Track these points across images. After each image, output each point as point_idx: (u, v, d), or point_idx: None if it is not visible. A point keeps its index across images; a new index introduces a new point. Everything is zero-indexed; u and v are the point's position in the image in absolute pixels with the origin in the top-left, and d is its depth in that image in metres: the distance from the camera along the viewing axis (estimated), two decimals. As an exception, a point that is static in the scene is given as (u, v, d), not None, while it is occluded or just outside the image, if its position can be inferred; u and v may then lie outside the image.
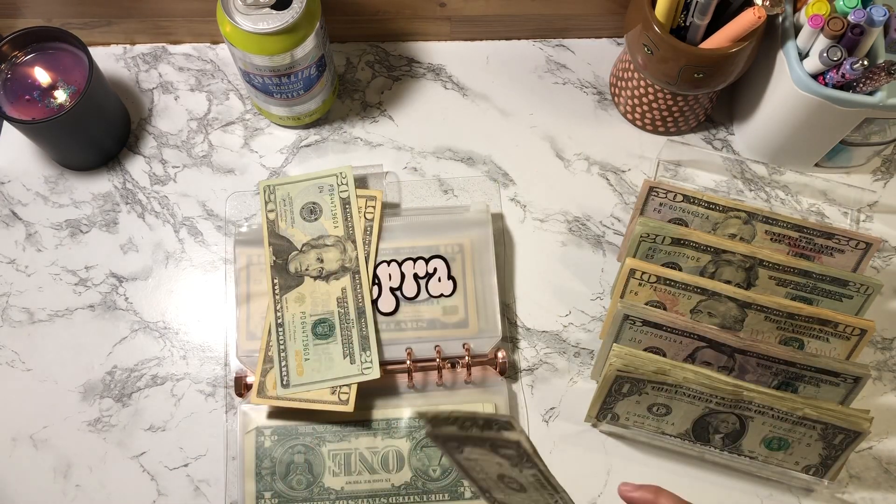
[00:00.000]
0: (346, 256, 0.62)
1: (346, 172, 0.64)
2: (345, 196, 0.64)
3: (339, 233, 0.63)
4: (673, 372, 0.55)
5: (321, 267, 0.62)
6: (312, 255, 0.62)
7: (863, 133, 0.65)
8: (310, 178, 0.64)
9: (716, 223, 0.62)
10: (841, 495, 0.62)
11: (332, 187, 0.64)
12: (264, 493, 0.60)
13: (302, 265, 0.62)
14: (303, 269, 0.62)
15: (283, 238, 0.63)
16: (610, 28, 0.75)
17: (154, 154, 0.72)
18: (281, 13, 0.60)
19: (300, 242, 0.63)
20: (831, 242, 0.61)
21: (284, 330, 0.61)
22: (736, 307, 0.58)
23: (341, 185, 0.64)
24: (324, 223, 0.63)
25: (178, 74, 0.74)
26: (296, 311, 0.61)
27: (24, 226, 0.69)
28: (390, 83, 0.74)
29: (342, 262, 0.62)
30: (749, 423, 0.57)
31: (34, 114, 0.65)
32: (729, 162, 0.71)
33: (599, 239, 0.69)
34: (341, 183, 0.64)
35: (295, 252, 0.62)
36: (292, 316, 0.61)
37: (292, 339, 0.61)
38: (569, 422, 0.64)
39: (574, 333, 0.66)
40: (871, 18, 0.57)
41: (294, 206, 0.63)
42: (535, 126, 0.73)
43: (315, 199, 0.63)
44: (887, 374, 0.65)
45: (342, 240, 0.62)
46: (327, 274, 0.62)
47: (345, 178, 0.64)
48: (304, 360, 0.60)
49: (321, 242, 0.62)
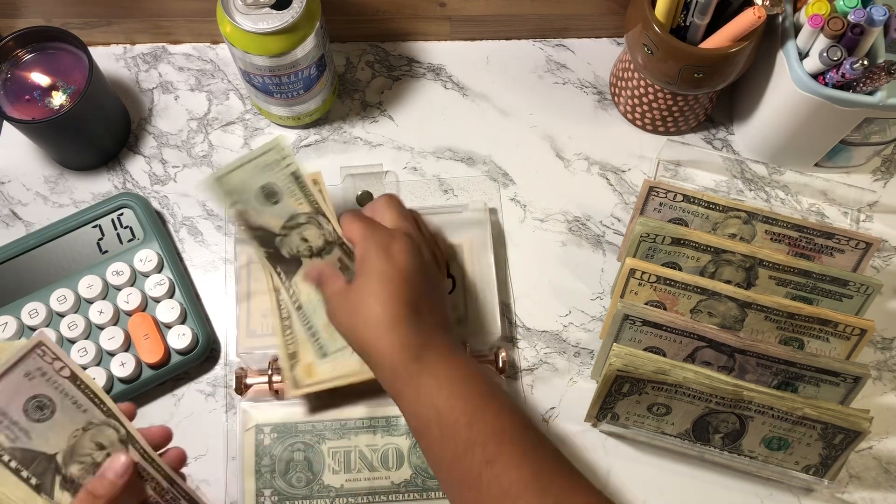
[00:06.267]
0: (324, 231, 0.58)
1: (280, 144, 0.58)
2: (293, 170, 0.58)
3: (306, 209, 0.58)
4: (673, 372, 0.55)
5: (309, 245, 0.58)
6: (295, 237, 0.58)
7: (863, 133, 0.65)
8: (249, 159, 0.58)
9: (716, 223, 0.62)
10: (841, 495, 0.62)
11: (276, 163, 0.58)
12: (264, 491, 0.60)
13: (292, 247, 0.58)
14: (295, 251, 0.59)
15: (260, 228, 0.58)
16: (610, 28, 0.75)
17: (154, 154, 0.72)
18: (281, 13, 0.60)
19: (277, 227, 0.58)
20: (831, 242, 0.61)
21: (304, 311, 0.59)
22: (736, 307, 0.58)
23: (284, 160, 0.58)
24: (288, 202, 0.58)
25: (178, 74, 0.74)
26: (309, 289, 0.58)
27: (25, 226, 0.69)
28: (390, 83, 0.74)
29: (324, 236, 0.58)
30: (749, 423, 0.57)
31: (34, 114, 0.65)
32: (729, 162, 0.71)
33: (599, 239, 0.69)
34: (283, 157, 0.58)
35: (279, 237, 0.58)
36: (307, 296, 0.59)
37: (315, 315, 0.59)
38: (569, 422, 0.64)
39: (574, 333, 0.66)
40: (871, 18, 0.57)
41: (251, 193, 0.58)
42: (535, 126, 0.73)
43: (266, 181, 0.57)
44: (887, 374, 0.65)
45: (313, 215, 0.58)
46: (318, 250, 0.58)
47: (283, 152, 0.58)
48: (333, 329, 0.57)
49: (296, 222, 0.58)
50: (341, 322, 0.53)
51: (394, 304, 0.50)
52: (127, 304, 0.64)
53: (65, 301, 0.63)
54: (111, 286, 0.65)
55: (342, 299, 0.53)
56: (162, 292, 0.64)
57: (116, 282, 0.64)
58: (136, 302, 0.64)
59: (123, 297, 0.64)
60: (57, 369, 0.43)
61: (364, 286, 0.52)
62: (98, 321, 0.63)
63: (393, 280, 0.51)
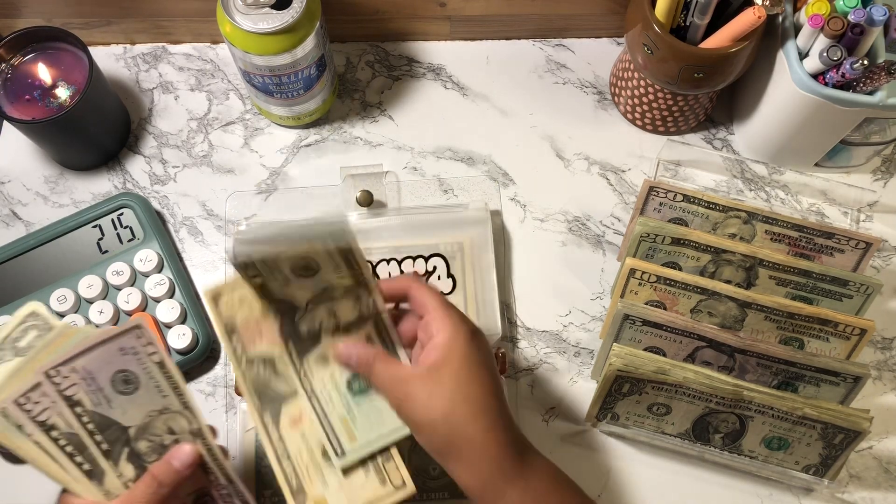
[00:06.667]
0: (361, 304, 0.51)
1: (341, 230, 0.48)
2: (345, 248, 0.49)
3: (347, 282, 0.50)
4: (673, 372, 0.55)
5: (336, 321, 0.51)
6: (323, 311, 0.50)
7: (863, 133, 0.65)
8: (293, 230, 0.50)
9: (716, 223, 0.62)
10: (841, 495, 0.62)
11: (322, 239, 0.49)
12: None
13: (314, 322, 0.51)
14: (315, 327, 0.51)
15: (282, 301, 0.50)
16: (610, 28, 0.75)
17: (154, 154, 0.72)
18: (281, 13, 0.60)
19: (303, 300, 0.50)
20: (831, 242, 0.61)
21: (318, 399, 0.51)
22: (736, 307, 0.58)
23: (339, 242, 0.49)
24: (325, 276, 0.50)
25: (178, 74, 0.74)
26: (323, 374, 0.51)
27: (25, 226, 0.69)
28: (390, 83, 0.74)
29: (359, 310, 0.51)
30: (749, 423, 0.57)
31: (34, 114, 0.65)
32: (729, 162, 0.71)
33: (599, 239, 0.69)
34: (338, 239, 0.49)
35: (301, 312, 0.51)
36: (321, 380, 0.51)
37: (330, 404, 0.51)
38: (569, 422, 0.64)
39: (574, 333, 0.66)
40: (871, 18, 0.57)
41: (282, 268, 0.49)
42: (535, 126, 0.73)
43: (306, 254, 0.49)
44: (887, 374, 0.65)
45: (353, 288, 0.50)
46: (346, 326, 0.51)
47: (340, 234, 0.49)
48: (352, 423, 0.51)
49: (329, 296, 0.50)
50: (429, 407, 0.45)
51: (496, 394, 0.46)
52: (127, 304, 0.64)
53: (65, 301, 0.63)
54: (111, 286, 0.65)
55: (424, 383, 0.46)
56: (162, 292, 0.64)
57: (116, 282, 0.64)
58: (136, 302, 0.64)
59: (123, 297, 0.64)
60: (148, 353, 0.46)
61: (461, 369, 0.46)
62: (98, 321, 0.63)
63: (488, 367, 0.47)
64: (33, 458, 0.45)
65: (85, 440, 0.46)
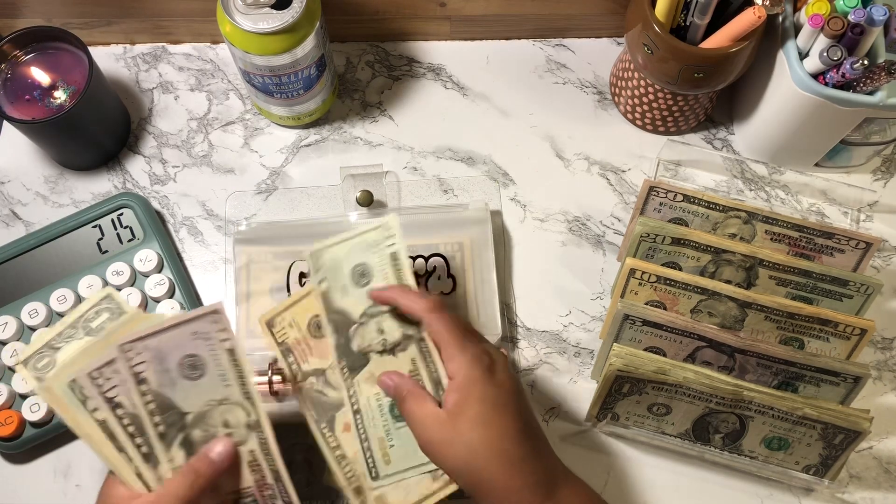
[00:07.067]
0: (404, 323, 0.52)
1: (391, 224, 0.53)
2: (394, 250, 0.53)
3: None
4: (673, 372, 0.55)
5: (384, 339, 0.52)
6: (372, 326, 0.52)
7: (863, 133, 0.65)
8: (352, 235, 0.53)
9: (716, 223, 0.62)
10: (841, 495, 0.62)
11: (378, 242, 0.53)
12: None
13: (364, 340, 0.52)
14: (366, 345, 0.52)
15: (340, 312, 0.52)
16: (610, 28, 0.75)
17: (154, 154, 0.72)
18: (281, 13, 0.60)
19: (358, 313, 0.52)
20: (831, 242, 0.61)
21: (362, 417, 0.52)
22: (736, 307, 0.58)
23: (388, 240, 0.53)
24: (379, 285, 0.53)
25: (178, 74, 0.74)
26: (370, 393, 0.52)
27: (25, 226, 0.69)
28: (390, 83, 0.74)
29: (403, 329, 0.52)
30: (749, 423, 0.57)
31: (34, 114, 0.65)
32: (729, 162, 0.71)
33: (599, 239, 0.69)
34: (388, 236, 0.53)
35: (354, 325, 0.52)
36: (367, 399, 0.52)
37: (372, 425, 0.52)
38: (569, 422, 0.64)
39: (574, 333, 0.66)
40: (872, 18, 0.57)
41: (344, 271, 0.53)
42: (535, 126, 0.73)
43: (363, 259, 0.53)
44: (887, 374, 0.65)
45: None
46: (392, 346, 0.52)
47: (390, 231, 0.53)
48: (390, 446, 0.52)
49: (378, 310, 0.52)
50: (450, 455, 0.47)
51: (515, 436, 0.47)
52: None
53: (65, 301, 0.63)
54: (111, 286, 0.65)
55: (445, 429, 0.47)
56: (162, 292, 0.64)
57: (116, 282, 0.64)
58: (136, 302, 0.64)
59: (123, 298, 0.64)
60: (221, 339, 0.46)
61: (478, 415, 0.47)
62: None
63: (507, 406, 0.47)
64: (88, 434, 0.46)
65: (145, 422, 0.46)
